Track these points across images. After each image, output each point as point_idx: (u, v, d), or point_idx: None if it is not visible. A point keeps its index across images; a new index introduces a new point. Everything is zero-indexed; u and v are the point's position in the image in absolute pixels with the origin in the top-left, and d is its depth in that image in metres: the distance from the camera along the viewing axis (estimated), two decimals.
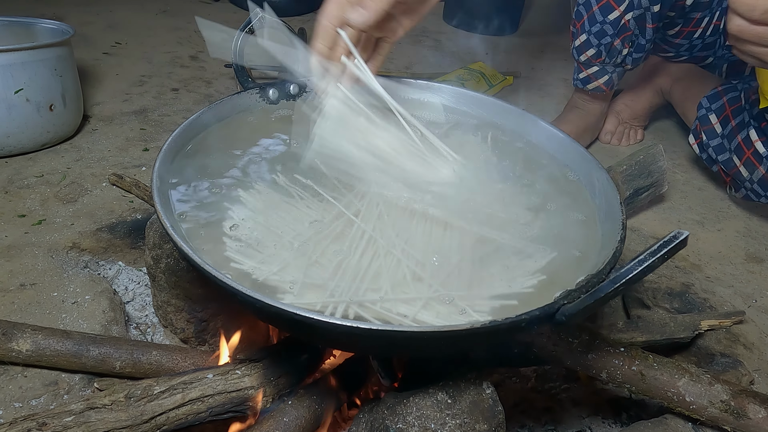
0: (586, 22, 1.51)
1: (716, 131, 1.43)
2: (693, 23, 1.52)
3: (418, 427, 0.71)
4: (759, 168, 1.34)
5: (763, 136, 1.33)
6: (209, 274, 0.64)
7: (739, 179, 1.40)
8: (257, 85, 1.03)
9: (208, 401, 0.78)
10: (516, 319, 0.61)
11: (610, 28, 1.47)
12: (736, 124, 1.38)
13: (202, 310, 1.01)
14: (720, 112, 1.42)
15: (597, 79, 1.59)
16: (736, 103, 1.40)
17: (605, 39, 1.49)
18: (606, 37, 1.49)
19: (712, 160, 1.46)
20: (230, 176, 0.88)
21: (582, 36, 1.53)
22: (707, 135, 1.44)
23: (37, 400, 0.88)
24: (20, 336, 0.89)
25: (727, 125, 1.40)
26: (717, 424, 0.85)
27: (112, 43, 2.10)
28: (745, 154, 1.35)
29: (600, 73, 1.58)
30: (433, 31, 2.52)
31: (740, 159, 1.37)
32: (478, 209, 0.85)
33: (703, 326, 1.05)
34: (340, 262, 0.74)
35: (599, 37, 1.50)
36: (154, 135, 1.57)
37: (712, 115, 1.44)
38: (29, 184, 1.32)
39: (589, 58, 1.55)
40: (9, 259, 1.10)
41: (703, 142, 1.45)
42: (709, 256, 1.34)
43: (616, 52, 1.52)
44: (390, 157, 0.83)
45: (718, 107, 1.43)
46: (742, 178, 1.39)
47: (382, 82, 0.90)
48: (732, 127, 1.38)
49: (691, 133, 1.51)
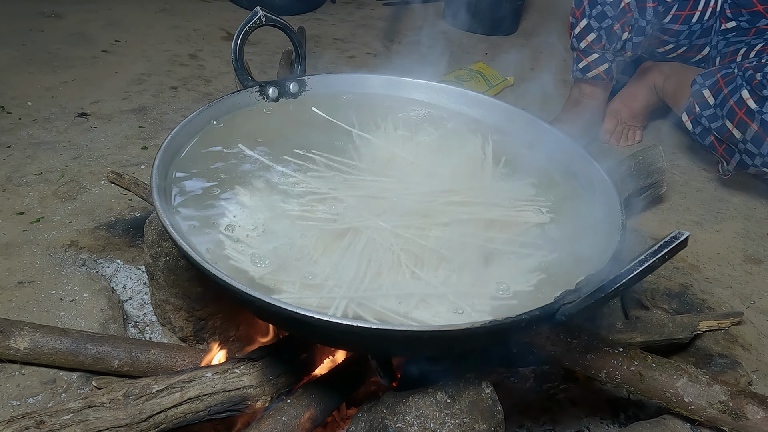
0: (586, 6, 1.53)
1: (709, 103, 1.45)
2: (690, 5, 1.54)
3: (417, 427, 0.71)
4: (751, 125, 1.36)
5: (755, 95, 1.36)
6: (209, 273, 0.63)
7: (732, 143, 1.42)
8: (257, 83, 1.03)
9: (206, 400, 0.77)
10: (516, 319, 0.61)
11: (610, 9, 1.49)
12: (729, 90, 1.40)
13: (200, 309, 1.01)
14: (713, 86, 1.44)
15: (597, 67, 1.60)
16: (729, 76, 1.43)
17: (605, 22, 1.50)
18: (606, 19, 1.50)
19: (706, 131, 1.48)
20: (229, 175, 0.87)
21: (582, 21, 1.55)
22: (700, 107, 1.47)
23: (35, 398, 0.88)
24: (18, 334, 0.89)
25: (720, 94, 1.42)
26: (715, 425, 0.85)
27: (111, 41, 2.10)
28: (737, 114, 1.38)
29: (600, 60, 1.59)
30: (434, 32, 2.53)
31: (732, 121, 1.39)
32: (478, 210, 0.85)
33: (702, 327, 1.05)
34: (339, 261, 0.74)
35: (600, 19, 1.51)
36: (153, 133, 1.57)
37: (705, 90, 1.46)
38: (28, 182, 1.31)
39: (590, 44, 1.56)
40: (7, 256, 1.10)
41: (696, 114, 1.47)
42: (707, 257, 1.34)
43: (617, 37, 1.52)
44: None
45: (711, 83, 1.45)
46: (734, 141, 1.41)
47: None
48: (724, 94, 1.41)
49: (684, 111, 1.52)
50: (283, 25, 1.00)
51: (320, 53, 2.22)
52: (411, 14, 2.68)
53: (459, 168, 0.93)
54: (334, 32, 2.43)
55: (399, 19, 2.54)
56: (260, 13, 0.96)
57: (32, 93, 1.69)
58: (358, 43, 2.35)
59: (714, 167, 1.62)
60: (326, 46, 2.29)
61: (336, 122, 1.02)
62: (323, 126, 1.02)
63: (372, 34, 2.44)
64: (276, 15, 0.98)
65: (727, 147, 1.44)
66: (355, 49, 2.29)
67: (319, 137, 0.98)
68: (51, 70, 1.83)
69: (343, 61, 2.18)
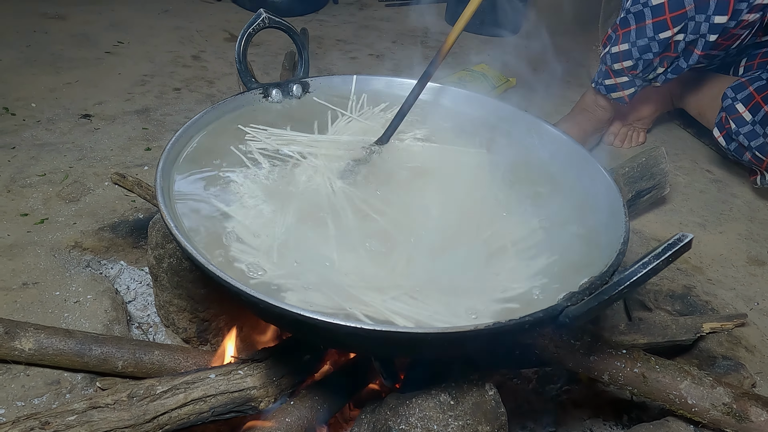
0: (633, 32, 1.45)
1: (746, 119, 1.40)
2: (734, 39, 1.46)
3: (420, 428, 0.71)
4: None
5: None
6: (213, 274, 0.64)
7: None
8: (260, 85, 1.03)
9: (210, 401, 0.78)
10: (520, 321, 0.61)
11: (656, 45, 1.42)
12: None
13: (204, 310, 1.02)
14: (748, 101, 1.39)
15: (623, 90, 1.56)
16: (764, 90, 1.38)
17: (647, 55, 1.45)
18: (649, 53, 1.44)
19: (743, 149, 1.44)
20: (233, 176, 0.88)
21: (624, 45, 1.47)
22: (736, 123, 1.41)
23: (39, 399, 0.88)
24: (23, 335, 0.89)
25: (759, 111, 1.36)
26: (719, 427, 0.84)
27: (115, 42, 2.10)
28: None
29: (628, 84, 1.55)
30: (436, 32, 2.53)
31: None
32: (481, 211, 0.85)
33: (705, 329, 1.05)
34: (344, 262, 0.74)
35: (642, 51, 1.45)
36: (157, 134, 1.57)
37: (738, 104, 1.41)
38: (32, 183, 1.32)
39: (624, 68, 1.50)
40: (11, 258, 1.10)
41: (732, 130, 1.42)
42: (710, 258, 1.34)
43: (652, 68, 1.48)
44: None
45: (745, 96, 1.40)
46: None
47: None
48: (765, 112, 1.35)
49: (715, 126, 1.48)
50: (286, 27, 1.01)
51: (323, 54, 2.23)
52: (413, 15, 2.68)
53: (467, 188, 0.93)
54: (336, 33, 2.43)
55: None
56: (263, 15, 0.97)
57: (36, 94, 1.69)
58: (360, 44, 2.36)
59: (732, 181, 1.60)
60: (329, 47, 2.30)
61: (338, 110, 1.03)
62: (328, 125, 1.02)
63: (374, 35, 2.44)
64: (279, 17, 0.98)
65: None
66: (357, 51, 2.29)
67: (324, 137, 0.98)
68: (54, 72, 1.84)
69: (345, 63, 2.18)
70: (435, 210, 0.85)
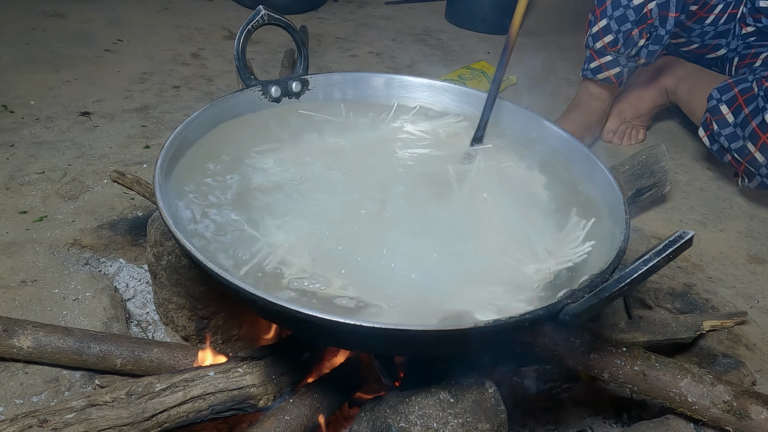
0: (608, 6, 1.50)
1: (728, 120, 1.41)
2: (706, 8, 1.53)
3: (420, 426, 0.71)
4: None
5: None
6: (212, 272, 0.63)
7: (754, 166, 1.38)
8: (259, 82, 1.03)
9: (209, 399, 0.77)
10: (520, 319, 0.61)
11: (632, 13, 1.46)
12: (750, 111, 1.36)
13: (203, 308, 1.01)
14: (732, 103, 1.40)
15: (608, 70, 1.58)
16: (748, 92, 1.39)
17: (625, 26, 1.48)
18: (626, 23, 1.48)
19: (724, 150, 1.44)
20: (231, 174, 0.87)
21: (602, 21, 1.52)
22: (718, 124, 1.42)
23: (38, 397, 0.88)
24: (21, 333, 0.89)
25: (740, 113, 1.38)
26: (719, 425, 0.84)
27: (114, 40, 2.10)
28: (760, 138, 1.33)
29: (612, 63, 1.57)
30: (436, 30, 2.52)
31: (755, 144, 1.35)
32: (481, 208, 0.85)
33: (705, 327, 1.04)
34: (344, 257, 0.74)
35: (620, 22, 1.49)
36: (156, 132, 1.57)
37: (723, 106, 1.42)
38: (30, 181, 1.32)
39: (605, 45, 1.53)
40: (10, 255, 1.10)
41: (714, 132, 1.43)
42: (711, 256, 1.33)
43: (633, 42, 1.50)
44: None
45: (729, 98, 1.41)
46: (757, 165, 1.37)
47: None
48: (745, 115, 1.36)
49: (701, 126, 1.49)
50: (285, 24, 1.00)
51: (322, 52, 2.22)
52: (413, 13, 2.68)
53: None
54: (336, 31, 2.43)
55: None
56: (263, 12, 0.96)
57: (35, 92, 1.69)
58: (360, 42, 2.35)
59: (731, 179, 1.60)
60: (328, 45, 2.29)
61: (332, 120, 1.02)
62: (326, 124, 1.02)
63: (374, 33, 2.44)
64: (278, 14, 0.98)
65: (747, 168, 1.41)
66: (357, 48, 2.28)
67: (324, 136, 0.98)
68: (53, 69, 1.83)
69: (345, 60, 2.18)
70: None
